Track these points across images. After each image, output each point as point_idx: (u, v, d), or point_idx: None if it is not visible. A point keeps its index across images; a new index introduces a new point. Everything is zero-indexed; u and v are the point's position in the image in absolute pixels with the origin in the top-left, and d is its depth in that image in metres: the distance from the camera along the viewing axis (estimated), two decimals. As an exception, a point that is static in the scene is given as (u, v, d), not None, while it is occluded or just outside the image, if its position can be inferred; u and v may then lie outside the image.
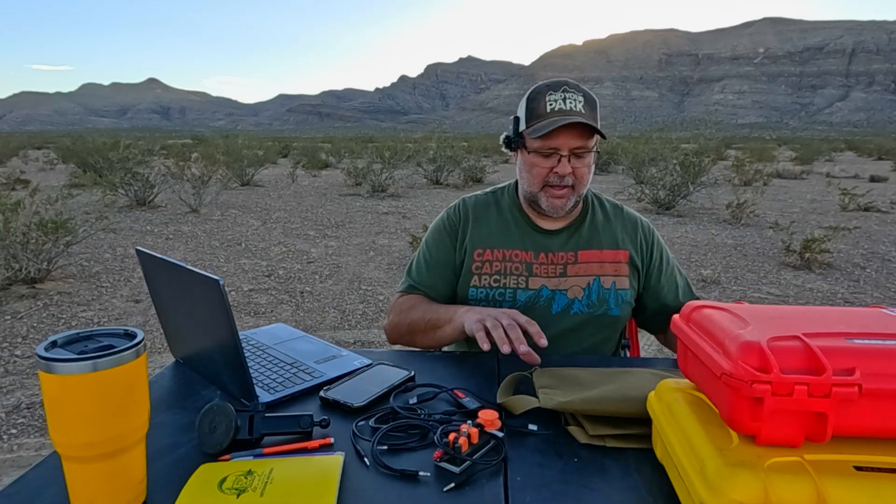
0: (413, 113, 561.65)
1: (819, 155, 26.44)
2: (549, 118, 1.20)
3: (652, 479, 0.73)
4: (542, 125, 1.20)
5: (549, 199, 1.25)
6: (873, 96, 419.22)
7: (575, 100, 1.22)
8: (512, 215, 1.37)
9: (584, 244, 1.33)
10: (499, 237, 1.34)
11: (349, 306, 4.41)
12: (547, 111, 1.21)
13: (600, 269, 1.31)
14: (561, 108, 1.21)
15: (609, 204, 1.42)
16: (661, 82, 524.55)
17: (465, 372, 1.09)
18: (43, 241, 4.67)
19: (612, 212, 1.40)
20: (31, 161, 20.70)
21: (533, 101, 1.24)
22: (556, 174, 1.23)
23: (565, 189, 1.24)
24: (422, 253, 1.41)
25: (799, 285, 5.06)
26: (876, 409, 0.57)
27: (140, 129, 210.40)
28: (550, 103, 1.21)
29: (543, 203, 1.26)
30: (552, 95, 1.22)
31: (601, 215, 1.38)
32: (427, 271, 1.37)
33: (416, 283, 1.37)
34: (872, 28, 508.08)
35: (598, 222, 1.36)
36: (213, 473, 0.71)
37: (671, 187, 9.21)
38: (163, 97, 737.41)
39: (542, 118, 1.21)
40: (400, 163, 13.87)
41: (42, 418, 2.64)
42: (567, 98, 1.22)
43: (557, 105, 1.21)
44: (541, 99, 1.23)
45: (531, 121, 1.23)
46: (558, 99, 1.21)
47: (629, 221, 1.39)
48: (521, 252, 1.32)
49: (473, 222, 1.37)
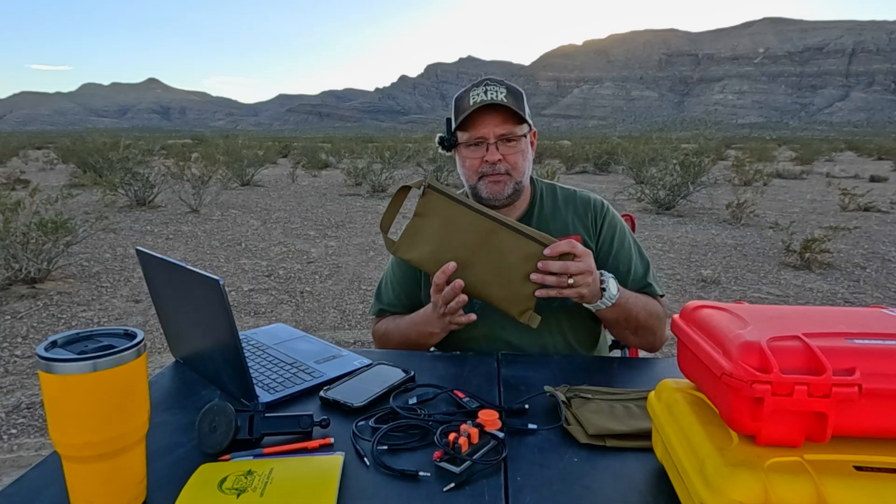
0: (413, 113, 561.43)
1: (819, 155, 26.44)
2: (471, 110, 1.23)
3: (652, 479, 0.73)
4: (465, 115, 1.23)
5: (489, 187, 1.26)
6: (873, 96, 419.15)
7: (496, 91, 1.24)
8: None
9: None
10: None
11: (349, 306, 4.41)
12: (470, 104, 1.23)
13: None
14: (482, 99, 1.23)
15: (562, 192, 1.40)
16: (661, 82, 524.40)
17: (465, 372, 1.09)
18: (43, 241, 4.67)
19: (564, 199, 1.38)
20: (31, 161, 20.69)
21: (459, 101, 1.28)
22: (487, 162, 1.24)
23: (502, 176, 1.25)
24: (387, 274, 1.44)
25: (799, 285, 5.06)
26: (876, 409, 0.57)
27: (140, 129, 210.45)
28: (472, 97, 1.24)
29: (483, 192, 1.27)
30: (475, 91, 1.25)
31: (550, 205, 1.37)
32: (393, 291, 1.41)
33: (386, 305, 1.42)
34: (872, 28, 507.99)
35: (546, 213, 1.36)
36: (213, 473, 0.71)
37: (671, 187, 9.21)
38: (163, 97, 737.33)
39: (466, 111, 1.23)
40: (400, 163, 13.87)
41: (42, 418, 2.64)
42: (488, 90, 1.24)
43: (479, 97, 1.23)
44: (465, 96, 1.26)
45: (458, 116, 1.26)
46: (480, 93, 1.24)
47: (581, 204, 1.37)
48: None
49: None
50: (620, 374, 1.11)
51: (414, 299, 1.38)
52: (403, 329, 1.31)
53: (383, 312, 1.42)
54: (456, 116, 1.28)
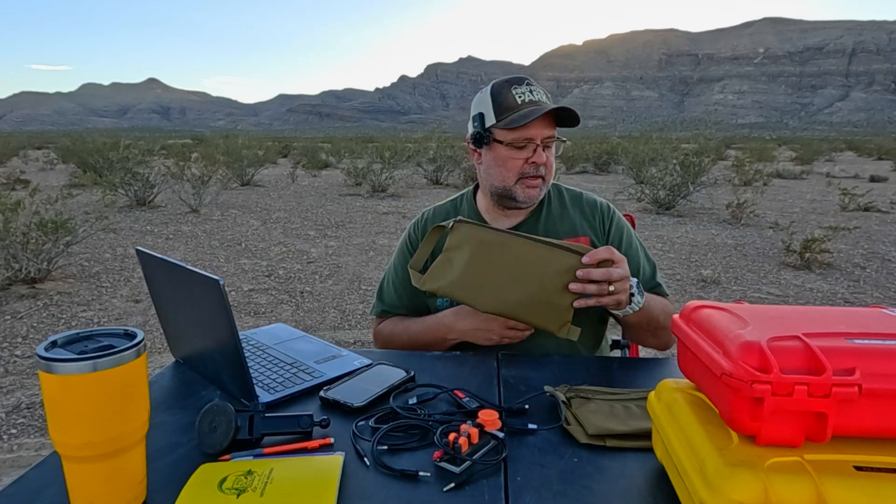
0: (413, 113, 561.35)
1: (819, 155, 26.43)
2: (523, 109, 1.20)
3: (652, 479, 0.73)
4: (520, 115, 1.19)
5: (525, 190, 1.25)
6: (873, 96, 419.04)
7: (539, 92, 1.23)
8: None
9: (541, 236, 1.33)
10: None
11: (349, 306, 4.41)
12: (518, 103, 1.21)
13: None
14: (531, 98, 1.21)
15: (568, 193, 1.41)
16: (661, 82, 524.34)
17: (465, 372, 1.09)
18: (43, 241, 4.67)
19: (571, 200, 1.39)
20: (31, 161, 20.69)
21: (499, 96, 1.23)
22: (533, 164, 1.22)
23: (538, 179, 1.25)
24: (390, 274, 1.43)
25: (799, 285, 5.06)
26: (876, 409, 0.57)
27: (140, 129, 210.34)
28: (519, 96, 1.21)
29: (519, 195, 1.25)
30: (518, 88, 1.22)
31: (558, 206, 1.37)
32: (395, 293, 1.40)
33: (388, 306, 1.41)
34: (872, 28, 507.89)
35: (554, 213, 1.36)
36: (213, 473, 0.71)
37: (671, 187, 9.20)
38: (163, 97, 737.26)
39: (515, 109, 1.20)
40: (400, 163, 13.86)
41: (42, 418, 2.64)
42: (533, 90, 1.22)
43: (527, 97, 1.21)
44: (507, 93, 1.22)
45: (503, 114, 1.22)
46: (525, 91, 1.22)
47: (588, 206, 1.38)
48: None
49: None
50: (620, 374, 1.11)
51: (417, 301, 1.37)
52: (414, 333, 1.30)
53: (386, 313, 1.41)
54: (497, 112, 1.23)
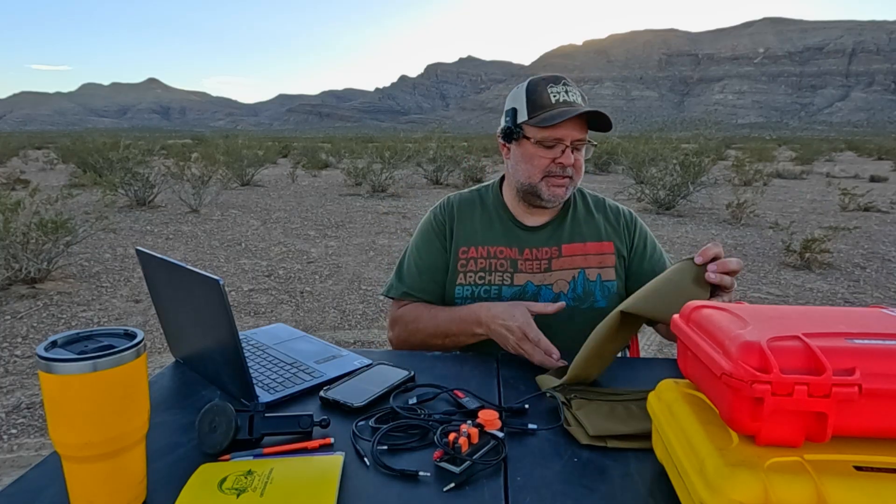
0: (413, 113, 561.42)
1: (819, 155, 26.44)
2: (555, 108, 1.20)
3: (652, 479, 0.73)
4: (551, 114, 1.20)
5: (550, 189, 1.25)
6: (873, 96, 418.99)
7: (575, 93, 1.24)
8: (496, 213, 1.38)
9: (566, 238, 1.34)
10: (482, 234, 1.35)
11: (349, 306, 4.41)
12: (552, 102, 1.21)
13: (584, 261, 1.32)
14: (565, 99, 1.21)
15: (591, 197, 1.42)
16: (661, 82, 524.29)
17: (465, 372, 1.09)
18: (43, 241, 4.67)
19: (595, 205, 1.41)
20: (31, 161, 20.69)
21: (533, 94, 1.24)
22: (560, 164, 1.23)
23: (565, 179, 1.25)
24: (412, 256, 1.40)
25: (799, 285, 5.06)
26: (876, 409, 0.57)
27: (140, 129, 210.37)
28: (554, 95, 1.22)
29: (544, 193, 1.26)
30: (553, 88, 1.22)
31: (583, 209, 1.39)
32: (419, 276, 1.36)
33: (410, 289, 1.36)
34: (872, 28, 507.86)
35: (580, 216, 1.37)
36: (213, 473, 0.71)
37: (671, 187, 9.20)
38: (163, 97, 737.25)
39: (548, 108, 1.21)
40: (400, 163, 13.86)
41: (42, 418, 2.64)
42: (569, 91, 1.23)
43: (561, 97, 1.21)
44: (542, 91, 1.23)
45: (535, 111, 1.23)
46: (560, 91, 1.22)
47: (612, 212, 1.40)
48: (506, 248, 1.33)
49: (458, 220, 1.38)
50: (620, 375, 1.11)
51: (439, 287, 1.35)
52: (442, 321, 1.26)
53: (407, 296, 1.37)
54: (530, 109, 1.24)
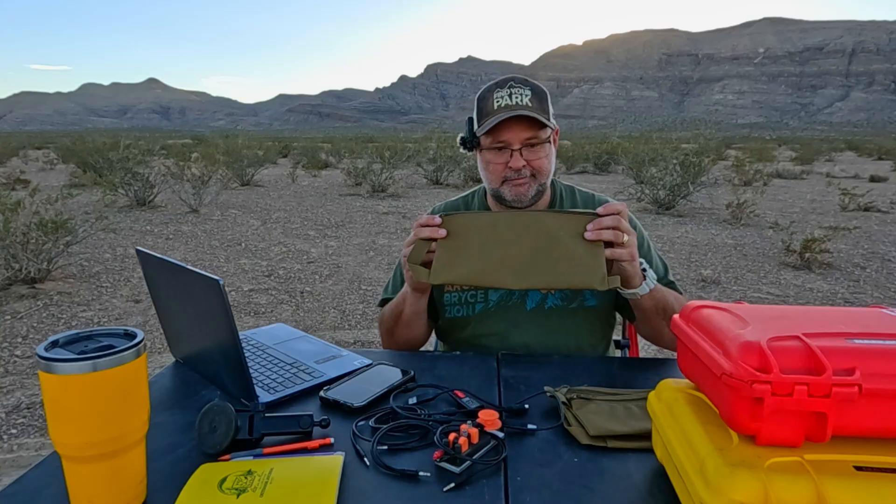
0: (413, 113, 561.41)
1: (819, 155, 26.44)
2: (496, 114, 1.20)
3: (652, 479, 0.73)
4: (488, 121, 1.20)
5: (512, 189, 1.25)
6: (873, 96, 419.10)
7: (521, 94, 1.22)
8: None
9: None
10: None
11: (349, 306, 4.41)
12: (494, 108, 1.21)
13: None
14: (507, 103, 1.21)
15: (581, 195, 1.41)
16: (661, 82, 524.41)
17: (465, 372, 1.09)
18: (43, 241, 4.67)
19: (583, 201, 1.39)
20: (31, 161, 20.69)
21: (482, 101, 1.25)
22: (511, 168, 1.23)
23: (526, 179, 1.24)
24: (398, 266, 1.42)
25: (799, 285, 5.06)
26: (876, 409, 0.57)
27: (140, 129, 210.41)
28: (497, 100, 1.22)
29: (507, 195, 1.26)
30: (499, 92, 1.22)
31: (570, 206, 1.37)
32: (402, 283, 1.38)
33: (390, 295, 1.40)
34: (872, 28, 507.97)
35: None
36: (213, 473, 0.71)
37: (671, 187, 9.20)
38: (163, 97, 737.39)
39: (490, 115, 1.21)
40: (400, 163, 13.86)
41: (42, 418, 2.64)
42: (513, 93, 1.22)
43: (504, 101, 1.21)
44: (489, 97, 1.23)
45: (481, 119, 1.23)
46: (504, 95, 1.22)
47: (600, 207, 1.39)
48: None
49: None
50: (620, 375, 1.12)
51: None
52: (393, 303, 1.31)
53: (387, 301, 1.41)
54: (479, 117, 1.25)
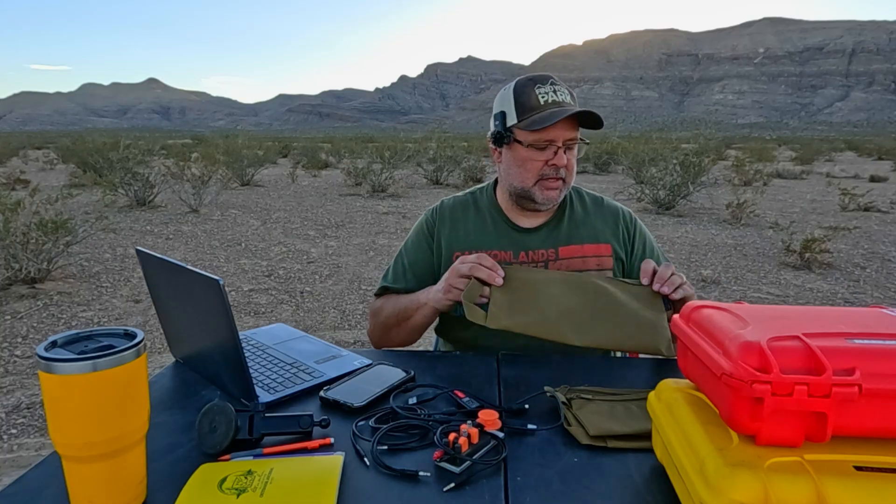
0: (413, 113, 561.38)
1: (819, 155, 26.43)
2: (544, 110, 1.18)
3: (652, 479, 0.73)
4: (542, 116, 1.18)
5: (544, 192, 1.24)
6: (873, 96, 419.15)
7: (563, 92, 1.22)
8: (490, 215, 1.36)
9: (563, 240, 1.32)
10: (476, 238, 1.34)
11: (349, 306, 4.41)
12: (541, 103, 1.19)
13: (583, 263, 1.31)
14: (554, 99, 1.19)
15: (589, 197, 1.40)
16: (661, 82, 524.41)
17: (465, 372, 1.09)
18: (43, 241, 4.67)
19: (592, 205, 1.39)
20: (31, 161, 20.69)
21: (521, 95, 1.21)
22: (553, 166, 1.21)
23: (558, 181, 1.24)
24: (400, 255, 1.41)
25: (799, 285, 5.06)
26: (876, 409, 0.57)
27: (140, 129, 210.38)
28: (542, 95, 1.19)
29: (538, 196, 1.24)
30: (541, 88, 1.20)
31: (580, 209, 1.37)
32: (403, 273, 1.37)
33: (389, 284, 1.38)
34: (872, 28, 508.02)
35: (577, 217, 1.35)
36: (213, 473, 0.71)
37: (671, 187, 9.20)
38: (163, 97, 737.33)
39: (537, 110, 1.19)
40: (400, 163, 13.86)
41: (42, 418, 2.64)
42: (556, 90, 1.21)
43: (549, 97, 1.19)
44: (530, 92, 1.21)
45: (525, 114, 1.21)
46: (548, 91, 1.20)
47: (609, 213, 1.38)
48: (500, 252, 1.31)
49: (450, 224, 1.37)
50: (620, 375, 1.11)
51: (421, 286, 1.35)
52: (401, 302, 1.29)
53: (386, 290, 1.39)
54: (519, 112, 1.21)
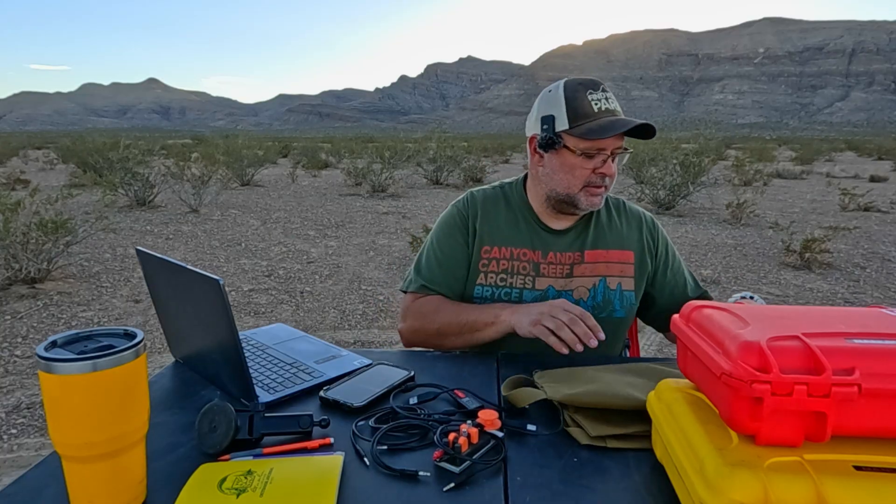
0: (413, 113, 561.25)
1: (819, 155, 26.45)
2: (599, 118, 1.17)
3: (652, 479, 0.73)
4: (600, 125, 1.16)
5: (589, 198, 1.23)
6: (873, 96, 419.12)
7: (613, 99, 1.21)
8: (521, 213, 1.34)
9: (590, 244, 1.31)
10: (507, 234, 1.31)
11: (349, 306, 4.41)
12: (595, 111, 1.17)
13: (606, 269, 1.30)
14: (607, 107, 1.18)
15: (612, 201, 1.40)
16: (661, 82, 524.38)
17: (465, 372, 1.09)
18: (43, 241, 4.67)
19: (616, 210, 1.38)
20: (31, 161, 20.71)
21: (573, 101, 1.18)
22: (601, 174, 1.20)
23: (602, 188, 1.23)
24: (431, 250, 1.35)
25: (799, 285, 5.06)
26: (876, 409, 0.57)
27: (140, 129, 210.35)
28: (595, 103, 1.17)
29: (582, 202, 1.23)
30: (593, 94, 1.18)
31: (605, 214, 1.36)
32: (439, 269, 1.32)
33: (428, 282, 1.31)
34: (872, 28, 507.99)
35: (602, 222, 1.35)
36: (213, 473, 0.70)
37: (671, 187, 9.20)
38: (163, 97, 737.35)
39: (591, 118, 1.17)
40: (400, 163, 13.86)
41: (42, 418, 2.64)
42: (608, 98, 1.19)
43: (603, 105, 1.18)
44: (582, 98, 1.18)
45: (578, 121, 1.17)
46: (601, 98, 1.18)
47: (633, 219, 1.37)
48: (529, 251, 1.29)
49: (483, 217, 1.33)
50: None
51: (459, 283, 1.31)
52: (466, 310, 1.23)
53: (425, 289, 1.32)
54: (571, 118, 1.18)
